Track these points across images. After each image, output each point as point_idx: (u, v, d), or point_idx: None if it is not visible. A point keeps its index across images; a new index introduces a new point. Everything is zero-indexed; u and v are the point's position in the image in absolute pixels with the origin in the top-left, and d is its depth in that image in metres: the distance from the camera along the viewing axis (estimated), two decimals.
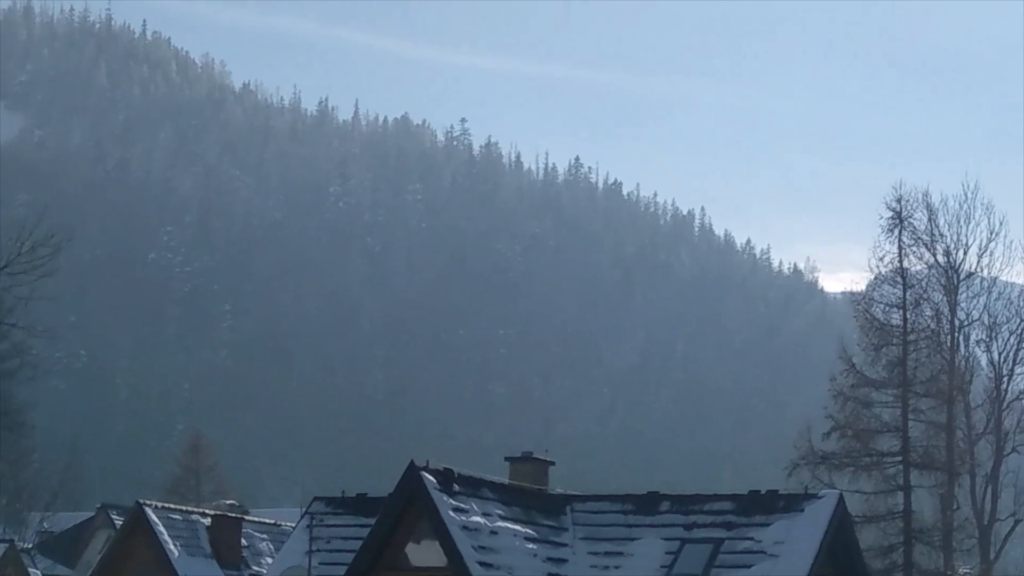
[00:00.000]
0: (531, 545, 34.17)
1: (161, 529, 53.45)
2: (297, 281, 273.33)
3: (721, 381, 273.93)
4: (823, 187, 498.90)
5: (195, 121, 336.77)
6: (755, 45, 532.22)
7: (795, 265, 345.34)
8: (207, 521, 55.29)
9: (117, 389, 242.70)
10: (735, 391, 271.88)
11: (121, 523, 64.09)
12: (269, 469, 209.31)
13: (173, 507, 58.12)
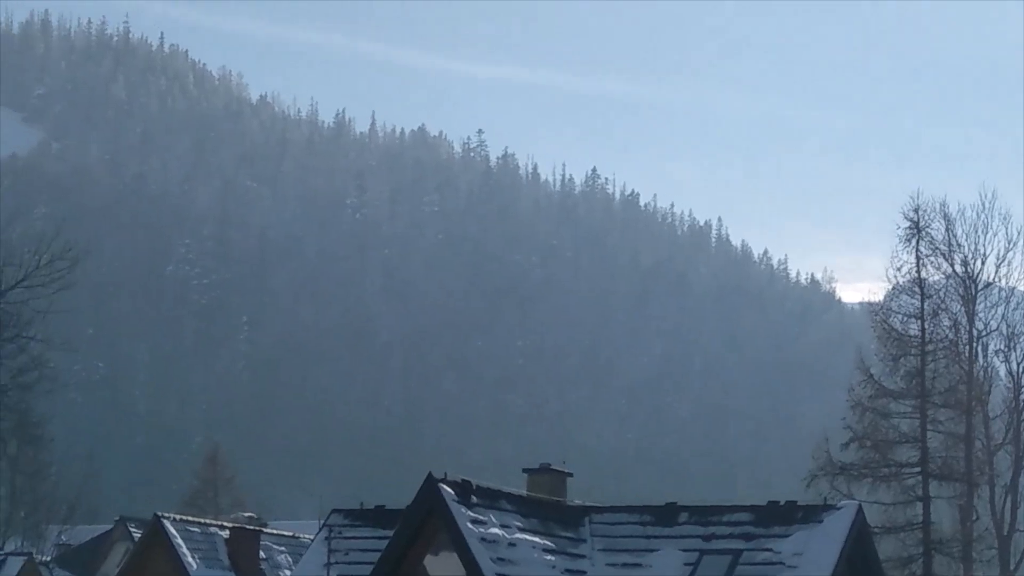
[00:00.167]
0: (549, 557, 34.13)
1: (179, 542, 53.48)
2: (314, 293, 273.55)
3: (739, 392, 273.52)
4: (841, 197, 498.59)
5: (212, 133, 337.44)
6: (772, 55, 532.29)
7: (812, 275, 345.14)
8: (225, 534, 55.31)
9: (135, 402, 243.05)
10: (753, 402, 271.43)
11: (139, 536, 64.10)
12: (287, 481, 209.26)
13: (191, 520, 58.15)
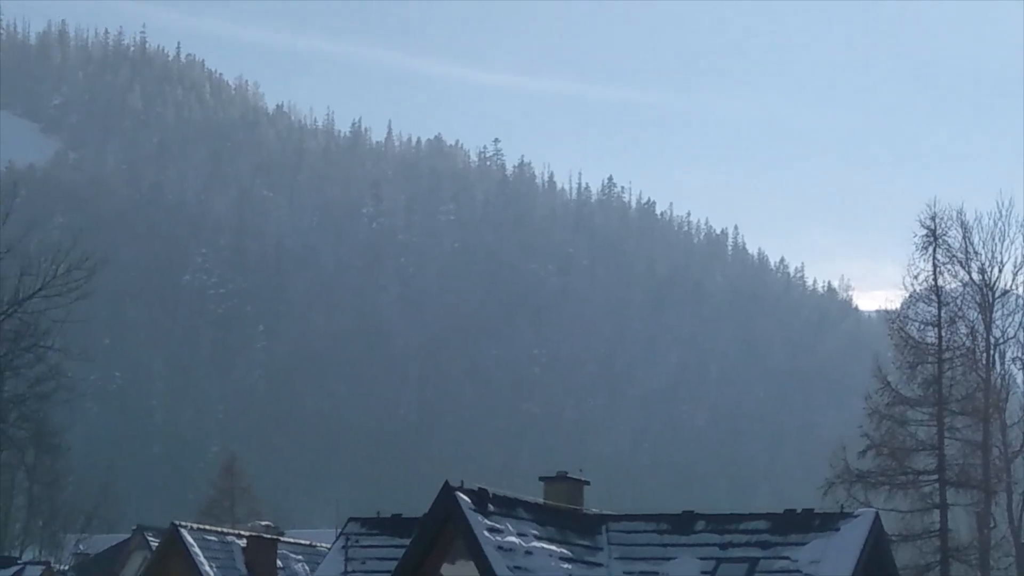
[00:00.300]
0: (566, 565, 34.11)
1: (197, 551, 53.49)
2: (330, 302, 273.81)
3: (755, 400, 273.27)
4: (857, 205, 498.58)
5: (229, 143, 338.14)
6: (789, 62, 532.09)
7: (829, 283, 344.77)
8: (242, 542, 55.30)
9: (152, 411, 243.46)
10: (770, 410, 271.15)
11: (157, 545, 64.19)
12: (304, 490, 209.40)
13: (208, 528, 58.15)
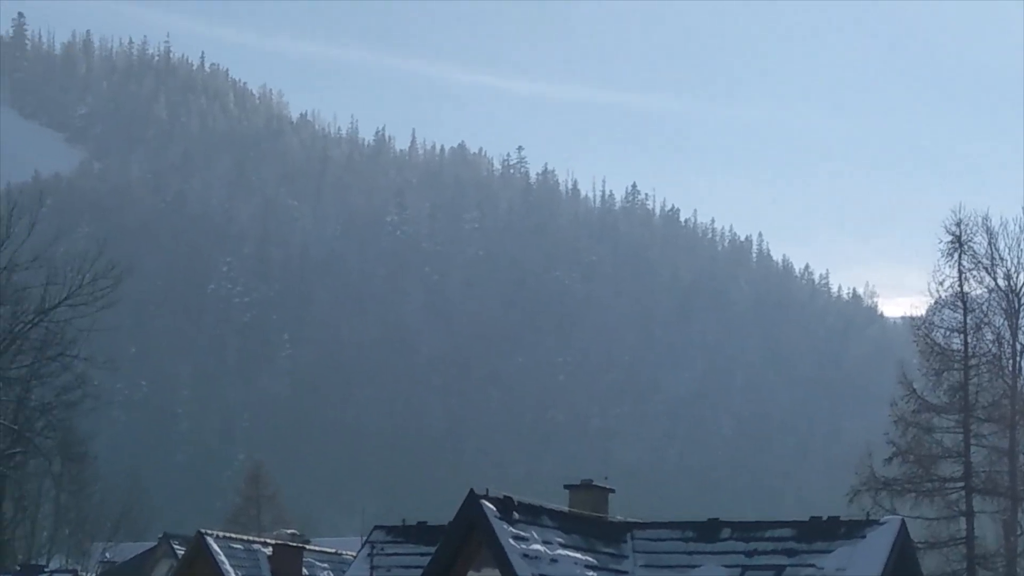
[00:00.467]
0: (592, 573, 34.06)
1: (223, 559, 53.53)
2: (355, 310, 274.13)
3: (780, 407, 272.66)
4: (882, 211, 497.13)
5: (253, 152, 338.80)
6: (812, 69, 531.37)
7: (854, 290, 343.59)
8: (268, 550, 55.33)
9: (178, 419, 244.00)
10: (795, 417, 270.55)
11: (183, 553, 64.25)
12: (329, 498, 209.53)
13: (234, 536, 58.19)
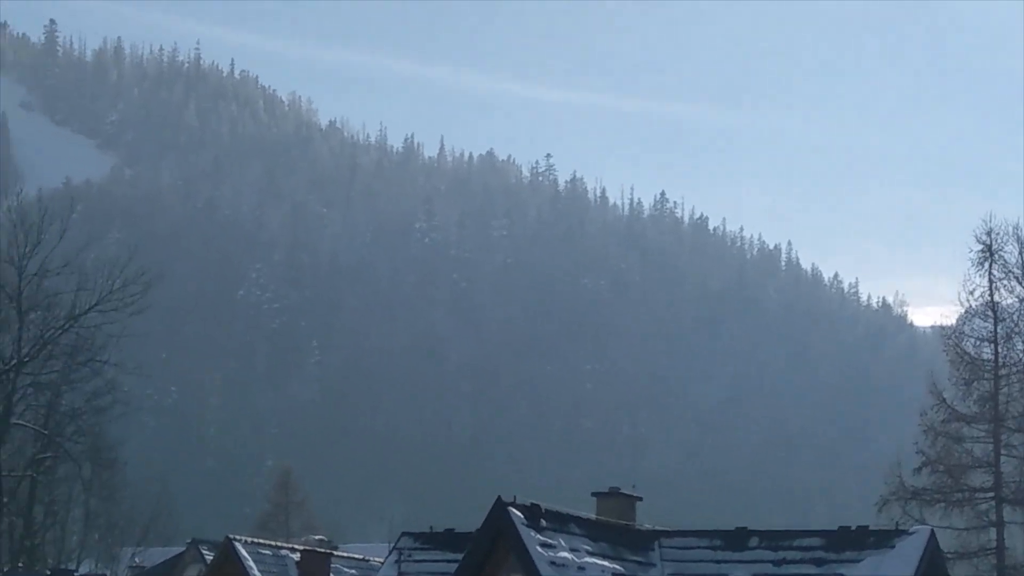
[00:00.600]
0: None
1: (251, 564, 53.59)
2: (384, 317, 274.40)
3: (809, 416, 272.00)
4: (911, 220, 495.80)
5: (283, 159, 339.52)
6: (841, 78, 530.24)
7: (884, 299, 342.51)
8: (296, 556, 55.38)
9: (207, 425, 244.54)
10: (824, 426, 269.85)
11: (211, 558, 64.34)
12: (358, 504, 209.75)
13: (263, 542, 58.25)
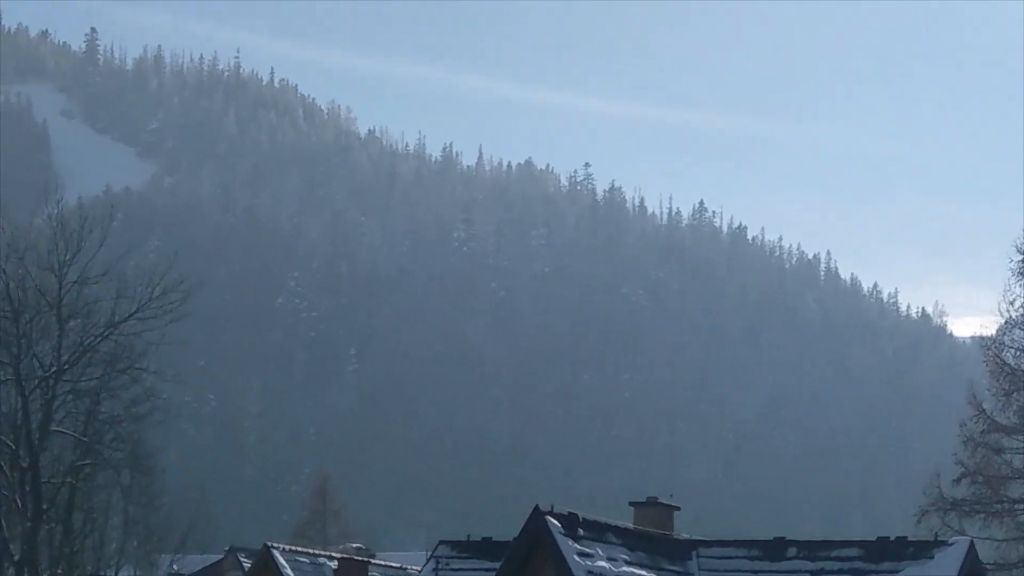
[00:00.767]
0: None
1: (289, 571, 53.78)
2: (422, 325, 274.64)
3: (849, 427, 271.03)
4: (951, 229, 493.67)
5: (322, 167, 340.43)
6: (879, 88, 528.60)
7: (923, 309, 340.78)
8: (334, 564, 55.52)
9: (245, 433, 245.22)
10: (863, 437, 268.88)
11: (249, 565, 64.63)
12: (395, 512, 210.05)
13: (300, 550, 58.48)
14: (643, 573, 34.06)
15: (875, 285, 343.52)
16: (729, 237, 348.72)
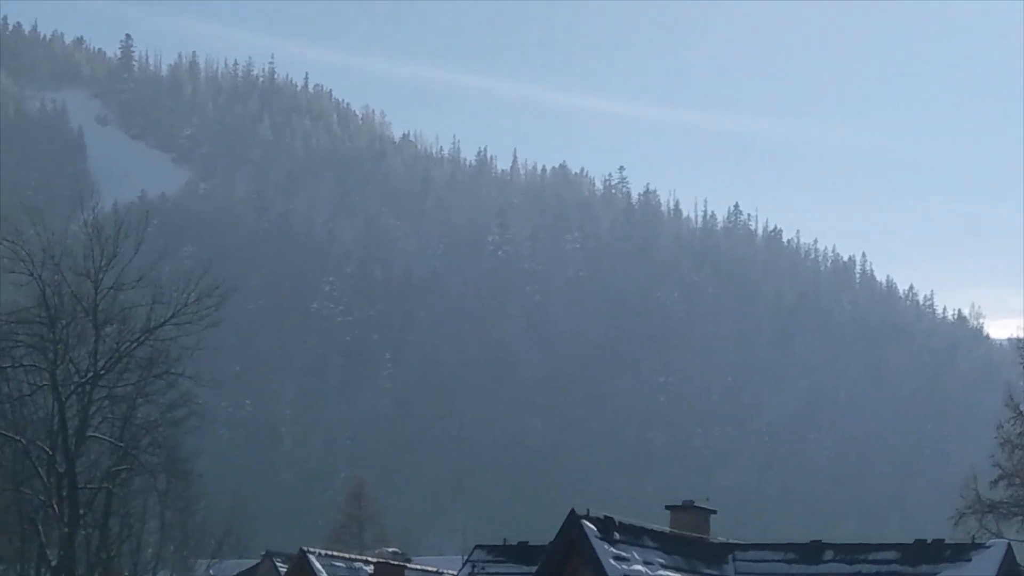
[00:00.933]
0: None
1: None
2: (456, 330, 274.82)
3: (885, 429, 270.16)
4: (988, 231, 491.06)
5: (356, 172, 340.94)
6: (914, 90, 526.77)
7: (959, 311, 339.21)
8: (370, 568, 55.58)
9: (281, 438, 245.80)
10: (899, 439, 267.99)
11: (285, 570, 64.76)
12: (431, 517, 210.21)
13: (336, 554, 58.53)
14: None
15: (911, 287, 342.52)
16: (764, 240, 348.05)
